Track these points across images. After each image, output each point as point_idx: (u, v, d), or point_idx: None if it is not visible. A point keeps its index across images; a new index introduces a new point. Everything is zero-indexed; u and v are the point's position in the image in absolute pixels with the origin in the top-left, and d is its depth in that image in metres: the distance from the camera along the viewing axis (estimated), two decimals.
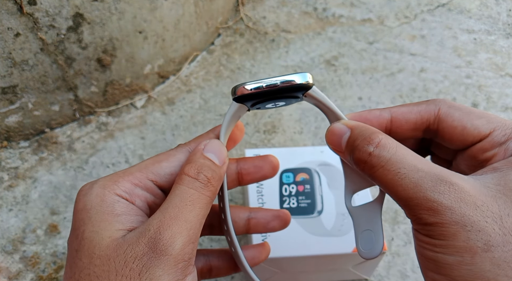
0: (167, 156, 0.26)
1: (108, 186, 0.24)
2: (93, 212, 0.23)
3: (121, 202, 0.23)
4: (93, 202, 0.23)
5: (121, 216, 0.23)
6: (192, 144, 0.27)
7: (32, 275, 0.44)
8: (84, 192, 0.24)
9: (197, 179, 0.24)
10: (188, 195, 0.23)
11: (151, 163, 0.26)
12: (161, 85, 0.62)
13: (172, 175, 0.26)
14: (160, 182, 0.25)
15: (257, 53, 0.66)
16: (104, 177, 0.24)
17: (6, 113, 0.51)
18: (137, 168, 0.25)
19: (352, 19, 0.71)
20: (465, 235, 0.19)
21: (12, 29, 0.45)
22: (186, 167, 0.24)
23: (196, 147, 0.26)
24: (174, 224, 0.22)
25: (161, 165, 0.25)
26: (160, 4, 0.54)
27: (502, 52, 0.67)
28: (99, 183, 0.24)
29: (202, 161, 0.25)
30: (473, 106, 0.60)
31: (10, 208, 0.49)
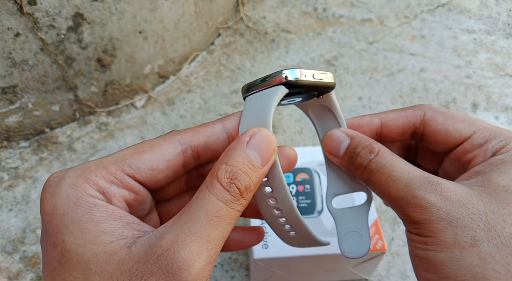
0: (150, 145, 0.22)
1: (79, 185, 0.20)
2: (68, 219, 0.19)
3: (98, 205, 0.20)
4: (65, 206, 0.19)
5: (103, 224, 0.19)
6: (189, 133, 0.23)
7: (32, 275, 0.44)
8: (51, 189, 0.20)
9: (229, 191, 0.20)
10: (216, 208, 0.19)
11: (130, 154, 0.21)
12: (161, 85, 0.62)
13: (154, 170, 0.22)
14: (139, 177, 0.22)
15: (257, 53, 0.66)
16: (72, 170, 0.21)
17: (6, 113, 0.51)
18: (112, 160, 0.21)
19: (352, 19, 0.71)
20: (452, 230, 0.20)
21: (12, 29, 0.45)
22: (219, 169, 0.20)
23: (240, 137, 0.21)
24: (193, 242, 0.18)
25: (141, 156, 0.21)
26: (160, 4, 0.54)
27: (502, 52, 0.67)
28: (67, 181, 0.20)
29: (241, 162, 0.20)
30: (473, 107, 0.60)
31: (10, 208, 0.49)
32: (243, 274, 0.44)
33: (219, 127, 0.23)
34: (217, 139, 0.23)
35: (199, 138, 0.23)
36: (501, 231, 0.19)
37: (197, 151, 0.23)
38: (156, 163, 0.22)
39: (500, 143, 0.22)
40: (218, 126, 0.23)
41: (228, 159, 0.21)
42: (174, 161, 0.22)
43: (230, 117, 0.24)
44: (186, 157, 0.23)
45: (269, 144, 0.21)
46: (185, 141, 0.23)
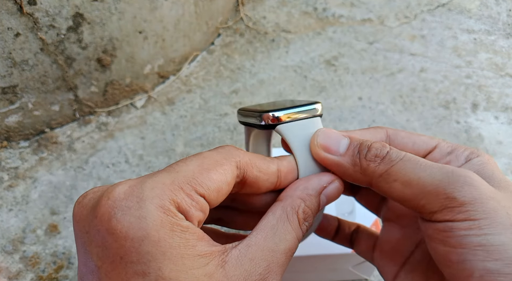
0: (214, 163, 0.21)
1: (167, 208, 0.19)
2: (166, 245, 0.18)
3: (190, 228, 0.19)
4: (161, 232, 0.18)
5: (197, 247, 0.19)
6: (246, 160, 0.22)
7: (32, 275, 0.44)
8: (134, 211, 0.18)
9: (302, 230, 0.22)
10: (293, 245, 0.21)
11: (199, 172, 0.20)
12: (161, 85, 0.62)
13: (219, 192, 0.21)
14: (208, 198, 0.20)
15: (257, 53, 0.66)
16: (149, 186, 0.19)
17: (6, 113, 0.51)
18: (185, 178, 0.20)
19: (352, 19, 0.71)
20: (504, 210, 0.19)
21: (12, 29, 0.45)
22: (300, 206, 0.22)
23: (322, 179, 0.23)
24: (278, 274, 0.20)
25: (209, 176, 0.20)
26: (160, 4, 0.54)
27: (502, 52, 0.67)
28: (154, 202, 0.19)
29: (314, 207, 0.23)
30: (473, 106, 0.60)
31: (10, 208, 0.49)
32: None
33: (273, 169, 0.23)
34: (267, 180, 0.23)
35: (253, 170, 0.22)
36: None
37: (246, 180, 0.23)
38: (221, 185, 0.21)
39: (466, 150, 0.23)
40: (273, 167, 0.23)
41: (307, 199, 0.22)
42: (231, 185, 0.22)
43: (285, 161, 0.24)
44: (236, 182, 0.22)
45: (338, 195, 0.23)
46: (241, 166, 0.22)
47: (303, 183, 0.23)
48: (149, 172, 0.52)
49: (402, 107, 0.60)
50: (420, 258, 0.24)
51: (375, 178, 0.22)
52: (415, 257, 0.25)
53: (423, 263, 0.24)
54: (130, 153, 0.54)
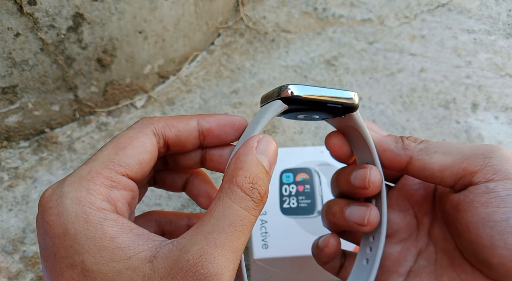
0: (128, 139, 0.21)
1: (84, 198, 0.19)
2: (82, 238, 0.18)
3: (108, 219, 0.19)
4: (76, 225, 0.18)
5: (118, 239, 0.19)
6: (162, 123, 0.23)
7: (32, 275, 0.44)
8: (54, 210, 0.19)
9: (251, 196, 0.20)
10: (240, 217, 0.19)
11: (114, 152, 0.21)
12: (161, 85, 0.62)
13: (141, 164, 0.21)
14: (131, 174, 0.21)
15: (257, 53, 0.66)
16: (66, 184, 0.20)
17: (6, 113, 0.51)
18: (101, 163, 0.20)
19: (352, 19, 0.71)
20: None
21: (12, 29, 0.45)
22: (238, 175, 0.20)
23: (248, 143, 0.22)
24: (220, 255, 0.18)
25: (126, 153, 0.21)
26: (160, 4, 0.54)
27: (502, 52, 0.67)
28: (69, 197, 0.19)
29: (256, 168, 0.21)
30: (473, 107, 0.60)
31: (10, 208, 0.49)
32: None
33: (193, 124, 0.24)
34: (188, 136, 0.23)
35: (171, 130, 0.23)
36: None
37: (167, 142, 0.23)
38: (141, 156, 0.21)
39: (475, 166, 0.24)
40: (192, 123, 0.24)
41: (242, 164, 0.21)
42: (153, 152, 0.22)
43: (207, 116, 0.24)
44: (159, 147, 0.23)
45: (274, 148, 0.22)
46: (158, 131, 0.23)
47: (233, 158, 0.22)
48: None
49: (402, 107, 0.60)
50: (426, 262, 0.24)
51: (416, 152, 0.23)
52: (420, 263, 0.25)
53: (430, 265, 0.24)
54: None
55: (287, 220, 0.39)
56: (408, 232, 0.26)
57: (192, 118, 0.24)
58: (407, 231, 0.26)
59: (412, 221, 0.26)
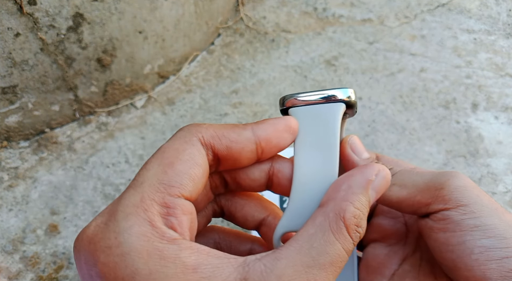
0: (176, 154, 0.19)
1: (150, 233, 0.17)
2: (161, 277, 0.16)
3: (183, 248, 0.17)
4: (150, 264, 0.16)
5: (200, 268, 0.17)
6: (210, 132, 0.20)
7: (32, 275, 0.44)
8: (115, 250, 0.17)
9: (353, 239, 0.19)
10: (341, 258, 0.18)
11: (162, 171, 0.18)
12: (161, 85, 0.62)
13: (194, 180, 0.19)
14: (186, 194, 0.18)
15: (257, 53, 0.66)
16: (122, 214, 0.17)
17: (6, 113, 0.51)
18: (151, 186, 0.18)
19: (352, 19, 0.71)
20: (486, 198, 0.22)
21: (12, 29, 0.45)
22: (347, 211, 0.19)
23: (366, 172, 0.20)
24: None
25: (175, 170, 0.18)
26: (160, 4, 0.54)
27: (502, 52, 0.67)
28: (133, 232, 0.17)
29: (365, 208, 0.19)
30: (473, 107, 0.60)
31: (10, 208, 0.49)
32: None
33: (248, 136, 0.20)
34: (242, 148, 0.20)
35: (222, 141, 0.20)
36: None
37: (217, 155, 0.20)
38: (193, 171, 0.19)
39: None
40: (246, 134, 0.20)
41: (354, 198, 0.19)
42: (204, 165, 0.19)
43: (263, 125, 0.21)
44: (210, 160, 0.20)
45: (387, 186, 0.21)
46: (206, 141, 0.20)
47: (346, 181, 0.20)
48: None
49: (402, 107, 0.60)
50: (410, 267, 0.25)
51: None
52: (405, 268, 0.25)
53: (414, 270, 0.25)
54: (130, 153, 0.54)
55: None
56: (396, 238, 0.26)
57: (246, 128, 0.21)
58: (396, 237, 0.26)
59: (402, 228, 0.26)
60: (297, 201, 0.21)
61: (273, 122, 0.21)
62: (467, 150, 0.55)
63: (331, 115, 0.21)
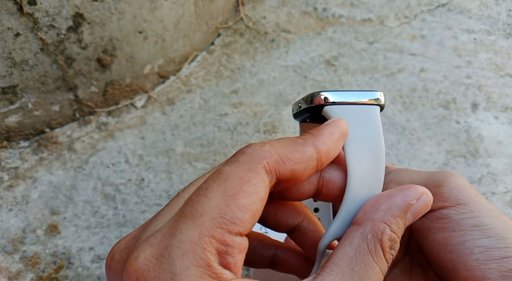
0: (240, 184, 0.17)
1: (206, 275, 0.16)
2: None
3: None
4: None
5: None
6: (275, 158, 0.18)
7: (32, 275, 0.44)
8: None
9: (388, 261, 0.19)
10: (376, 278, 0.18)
11: (225, 204, 0.17)
12: (161, 85, 0.62)
13: (254, 217, 0.18)
14: (244, 232, 0.17)
15: (257, 53, 0.66)
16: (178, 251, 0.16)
17: (6, 113, 0.51)
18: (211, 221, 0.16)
19: (352, 19, 0.71)
20: (483, 198, 0.22)
21: (12, 29, 0.45)
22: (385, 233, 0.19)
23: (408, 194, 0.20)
24: None
25: (238, 204, 0.17)
26: (160, 4, 0.54)
27: (502, 52, 0.67)
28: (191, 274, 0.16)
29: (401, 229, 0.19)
30: (473, 107, 0.60)
31: (10, 208, 0.49)
32: (243, 274, 0.44)
33: (311, 153, 0.19)
34: (305, 168, 0.19)
35: (287, 166, 0.19)
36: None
37: (281, 179, 0.19)
38: (255, 207, 0.17)
39: None
40: (309, 152, 0.19)
41: (393, 222, 0.19)
42: (265, 196, 0.18)
43: (322, 137, 0.20)
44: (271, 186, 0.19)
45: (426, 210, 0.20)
46: (271, 168, 0.18)
47: (385, 201, 0.19)
48: (149, 172, 0.52)
49: (402, 107, 0.60)
50: (400, 272, 0.25)
51: None
52: (395, 273, 0.25)
53: (405, 275, 0.25)
54: (130, 153, 0.54)
55: None
56: None
57: (307, 144, 0.19)
58: None
59: None
60: (349, 209, 0.21)
61: (330, 131, 0.20)
62: (467, 150, 0.55)
63: (373, 118, 0.21)
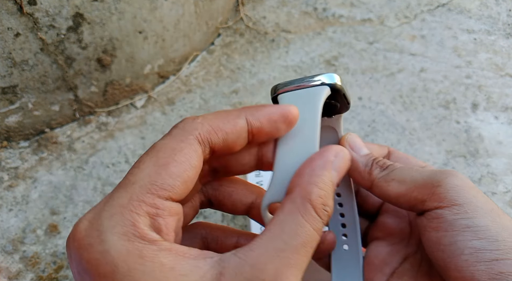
0: (171, 152, 0.19)
1: (132, 233, 0.17)
2: (138, 274, 0.17)
3: (162, 249, 0.17)
4: (129, 262, 0.17)
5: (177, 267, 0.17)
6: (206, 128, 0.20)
7: (32, 275, 0.44)
8: (97, 247, 0.17)
9: (322, 218, 0.19)
10: (312, 238, 0.19)
11: (155, 172, 0.18)
12: (161, 85, 0.62)
13: (186, 182, 0.19)
14: (175, 197, 0.19)
15: (257, 53, 0.66)
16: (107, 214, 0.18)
17: (6, 113, 0.51)
18: (142, 187, 0.18)
19: (352, 19, 0.71)
20: (483, 198, 0.22)
21: (12, 29, 0.45)
22: (313, 192, 0.19)
23: (326, 155, 0.21)
24: (293, 275, 0.18)
25: (169, 171, 0.19)
26: (160, 4, 0.54)
27: (502, 52, 0.67)
28: (115, 232, 0.17)
29: (329, 188, 0.20)
30: (473, 107, 0.60)
31: (10, 208, 0.49)
32: None
33: (242, 124, 0.21)
34: (237, 138, 0.21)
35: (218, 136, 0.20)
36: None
37: (214, 149, 0.21)
38: (187, 174, 0.19)
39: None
40: (241, 123, 0.21)
41: (318, 180, 0.20)
42: (199, 165, 0.20)
43: (255, 111, 0.21)
44: (205, 156, 0.21)
45: (348, 165, 0.21)
46: (203, 138, 0.20)
47: (308, 166, 0.21)
48: None
49: (402, 107, 0.60)
50: (410, 266, 0.25)
51: (377, 179, 0.24)
52: (405, 266, 0.26)
53: (413, 270, 0.25)
54: (130, 153, 0.54)
55: None
56: (400, 237, 0.26)
57: (240, 117, 0.21)
58: (399, 236, 0.26)
59: (406, 228, 0.26)
60: (279, 174, 0.22)
61: (269, 111, 0.22)
62: (467, 150, 0.55)
63: (316, 96, 0.22)
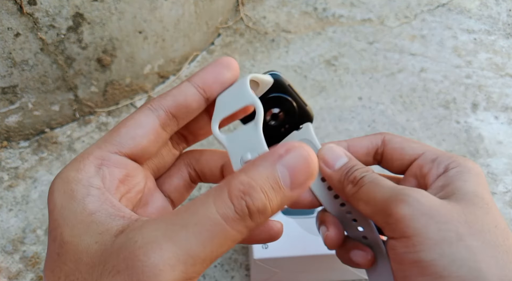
0: (125, 120, 0.23)
1: (72, 177, 0.20)
2: (65, 212, 0.19)
3: (91, 194, 0.20)
4: (63, 201, 0.20)
5: (96, 214, 0.19)
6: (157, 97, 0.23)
7: (32, 275, 0.44)
8: (51, 188, 0.21)
9: (235, 205, 0.17)
10: (211, 222, 0.17)
11: (108, 135, 0.22)
12: (161, 85, 0.62)
13: (134, 139, 0.22)
14: (124, 151, 0.22)
15: (257, 53, 0.66)
16: (68, 165, 0.21)
17: (6, 113, 0.51)
18: (96, 145, 0.22)
19: (352, 19, 0.71)
20: (435, 226, 0.20)
21: (12, 29, 0.45)
22: (235, 178, 0.17)
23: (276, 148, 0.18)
24: (169, 249, 0.16)
25: (119, 132, 0.22)
26: (160, 4, 0.54)
27: (502, 52, 0.67)
28: (61, 176, 0.21)
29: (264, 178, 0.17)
30: (473, 106, 0.60)
31: (10, 208, 0.49)
32: (243, 274, 0.44)
33: (185, 84, 0.23)
34: (185, 96, 0.23)
35: (167, 99, 0.23)
36: (481, 228, 0.20)
37: (170, 111, 0.23)
38: (135, 132, 0.22)
39: (450, 158, 0.24)
40: (184, 84, 0.23)
41: (251, 169, 0.18)
42: (150, 125, 0.23)
43: (198, 72, 0.24)
44: (162, 119, 0.23)
45: (307, 165, 0.18)
46: (155, 105, 0.23)
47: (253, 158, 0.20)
48: None
49: (402, 107, 0.60)
50: None
51: (349, 197, 0.24)
52: None
53: None
54: None
55: (287, 220, 0.39)
56: None
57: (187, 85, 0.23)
58: None
59: None
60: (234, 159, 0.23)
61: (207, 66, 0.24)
62: (467, 150, 0.55)
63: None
